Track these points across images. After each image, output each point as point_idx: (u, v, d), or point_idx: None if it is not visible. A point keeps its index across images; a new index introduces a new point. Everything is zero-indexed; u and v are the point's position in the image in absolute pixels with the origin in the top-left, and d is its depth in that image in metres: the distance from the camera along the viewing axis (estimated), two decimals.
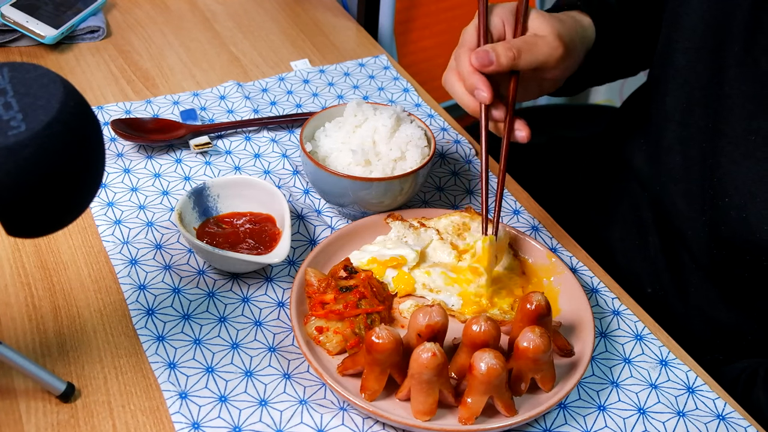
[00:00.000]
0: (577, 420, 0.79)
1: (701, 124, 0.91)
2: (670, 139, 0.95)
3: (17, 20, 1.16)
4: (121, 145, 1.04)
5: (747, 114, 0.85)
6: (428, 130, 0.97)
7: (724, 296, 0.95)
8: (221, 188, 0.93)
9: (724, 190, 0.87)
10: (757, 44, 0.84)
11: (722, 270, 0.92)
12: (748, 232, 0.85)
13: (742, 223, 0.86)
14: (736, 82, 0.86)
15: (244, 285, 0.88)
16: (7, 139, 0.56)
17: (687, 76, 0.92)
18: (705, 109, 0.90)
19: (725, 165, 0.87)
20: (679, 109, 0.94)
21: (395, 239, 0.91)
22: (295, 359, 0.82)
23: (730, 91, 0.86)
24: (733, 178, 0.86)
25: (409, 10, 1.83)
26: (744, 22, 0.85)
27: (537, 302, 0.77)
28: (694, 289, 0.97)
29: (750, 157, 0.85)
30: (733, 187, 0.86)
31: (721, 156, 0.88)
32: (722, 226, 0.88)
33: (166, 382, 0.78)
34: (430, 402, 0.74)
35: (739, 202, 0.86)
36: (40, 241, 0.91)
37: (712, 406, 0.82)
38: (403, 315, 0.86)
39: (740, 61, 0.85)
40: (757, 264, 0.86)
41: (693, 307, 0.98)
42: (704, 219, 0.91)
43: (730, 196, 0.87)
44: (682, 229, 0.95)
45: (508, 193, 1.04)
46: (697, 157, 0.92)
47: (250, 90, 1.16)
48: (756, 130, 0.84)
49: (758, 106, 0.84)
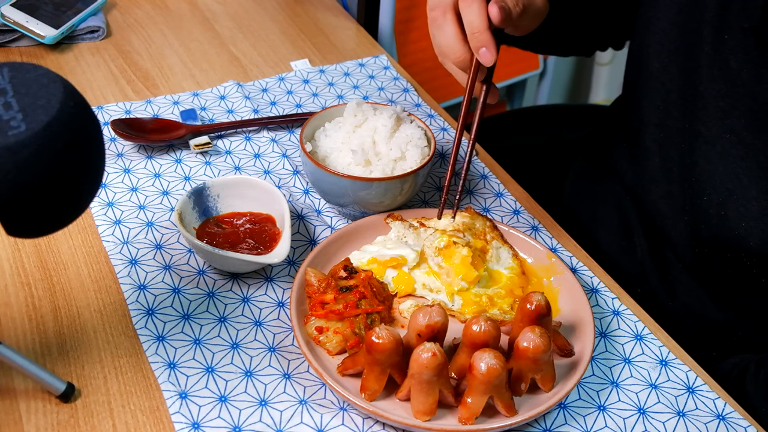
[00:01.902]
0: (577, 420, 0.79)
1: (678, 126, 0.92)
2: (649, 142, 0.97)
3: (17, 20, 1.16)
4: (121, 145, 1.04)
5: (720, 113, 0.86)
6: (428, 130, 0.97)
7: (711, 294, 0.96)
8: (221, 188, 0.93)
9: (702, 189, 0.89)
10: (725, 44, 0.85)
11: (706, 268, 0.93)
12: (727, 229, 0.86)
13: (721, 221, 0.87)
14: (708, 83, 0.87)
15: (244, 285, 0.88)
16: (7, 139, 0.56)
17: (661, 78, 0.93)
18: (681, 111, 0.91)
19: (702, 164, 0.88)
20: (655, 112, 0.95)
21: (395, 239, 0.91)
22: (295, 359, 0.82)
23: (704, 91, 0.87)
24: (711, 177, 0.87)
25: (409, 10, 1.83)
26: (712, 23, 0.86)
27: (537, 302, 0.77)
28: (682, 288, 0.98)
29: (726, 156, 0.86)
30: (711, 186, 0.87)
31: (698, 156, 0.89)
32: (702, 225, 0.90)
33: (166, 382, 0.78)
34: (430, 402, 0.74)
35: (717, 201, 0.87)
36: (40, 241, 0.91)
37: (712, 406, 0.82)
38: (403, 315, 0.86)
39: (711, 62, 0.86)
40: (738, 261, 0.88)
41: (682, 306, 0.99)
42: (686, 219, 0.93)
43: (708, 194, 0.88)
44: (665, 230, 0.97)
45: (508, 192, 1.04)
46: (676, 158, 0.93)
47: (250, 90, 1.16)
48: (730, 129, 0.86)
49: (731, 105, 0.85)
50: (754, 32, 0.83)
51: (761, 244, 0.84)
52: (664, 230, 0.97)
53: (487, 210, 1.01)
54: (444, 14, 0.83)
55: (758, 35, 0.83)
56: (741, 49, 0.84)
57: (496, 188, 1.04)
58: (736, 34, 0.84)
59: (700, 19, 0.87)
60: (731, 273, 0.90)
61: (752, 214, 0.84)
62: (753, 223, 0.84)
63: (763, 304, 0.91)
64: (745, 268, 0.87)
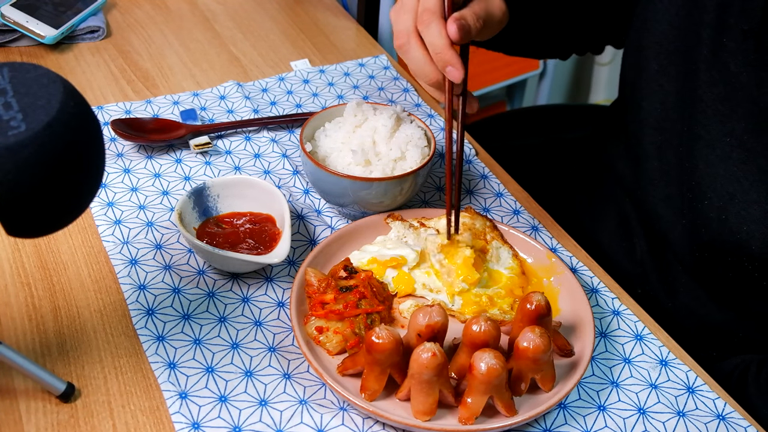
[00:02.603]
0: (577, 420, 0.79)
1: (677, 129, 0.92)
2: (648, 145, 0.96)
3: (17, 20, 1.16)
4: (121, 145, 1.04)
5: (720, 116, 0.86)
6: (428, 130, 0.97)
7: (712, 295, 0.95)
8: (221, 188, 0.93)
9: (702, 193, 0.88)
10: (724, 47, 0.85)
11: (707, 271, 0.93)
12: (728, 233, 0.86)
13: (722, 225, 0.86)
14: (708, 86, 0.86)
15: (244, 285, 0.88)
16: (7, 139, 0.56)
17: (660, 80, 0.93)
18: (680, 114, 0.91)
19: (702, 168, 0.88)
20: (654, 115, 0.95)
21: (395, 239, 0.91)
22: (295, 359, 0.82)
23: (703, 94, 0.87)
24: (711, 180, 0.87)
25: None
26: (711, 25, 0.86)
27: (537, 302, 0.77)
28: (683, 289, 0.98)
29: (726, 159, 0.86)
30: (712, 189, 0.87)
31: (698, 159, 0.88)
32: (702, 228, 0.89)
33: (166, 382, 0.78)
34: (430, 402, 0.74)
35: (718, 204, 0.87)
36: (40, 241, 0.91)
37: (712, 406, 0.82)
38: (403, 315, 0.86)
39: (710, 65, 0.86)
40: (740, 265, 0.87)
41: (683, 307, 0.99)
42: (684, 222, 0.92)
43: (709, 198, 0.87)
44: (665, 232, 0.97)
45: (508, 192, 1.04)
46: (675, 161, 0.93)
47: (250, 90, 1.16)
48: (730, 132, 0.85)
49: (730, 108, 0.85)
50: (754, 34, 0.82)
51: (762, 247, 0.84)
52: (664, 233, 0.97)
53: (487, 210, 1.01)
54: (408, 40, 0.82)
55: (757, 37, 0.82)
56: (740, 52, 0.84)
57: (496, 188, 1.04)
58: (735, 36, 0.84)
59: (699, 21, 0.87)
60: (732, 276, 0.90)
61: (753, 217, 0.84)
62: (754, 227, 0.84)
63: (764, 305, 0.91)
64: (746, 271, 0.87)
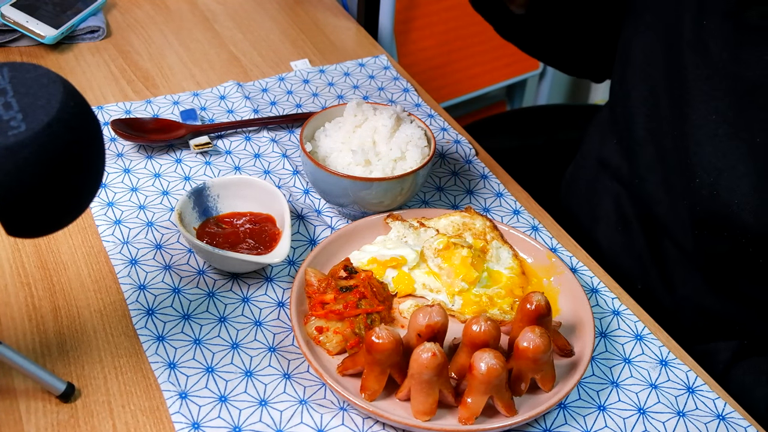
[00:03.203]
0: (577, 420, 0.79)
1: (668, 113, 0.95)
2: (641, 133, 0.99)
3: (17, 20, 1.16)
4: (121, 145, 1.04)
5: (705, 95, 0.90)
6: (428, 130, 0.97)
7: (710, 282, 0.97)
8: (221, 188, 0.93)
9: (694, 171, 0.91)
10: (704, 28, 0.89)
11: (705, 253, 0.95)
12: (721, 207, 0.88)
13: (714, 201, 0.89)
14: (692, 68, 0.91)
15: (244, 285, 0.88)
16: (7, 139, 0.56)
17: (647, 69, 0.97)
18: (669, 98, 0.94)
19: (692, 147, 0.91)
20: (645, 102, 0.98)
21: (395, 239, 0.91)
22: (295, 359, 0.82)
23: (688, 75, 0.91)
24: (701, 158, 0.90)
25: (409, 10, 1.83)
26: (692, 10, 0.91)
27: (537, 302, 0.77)
28: (681, 280, 0.99)
29: (713, 137, 0.89)
30: (701, 167, 0.90)
31: (689, 140, 0.91)
32: (697, 206, 0.92)
33: (166, 382, 0.78)
34: (430, 402, 0.74)
35: (708, 181, 0.89)
36: (40, 241, 0.91)
37: (712, 406, 0.82)
38: (403, 315, 0.86)
39: (693, 47, 0.91)
40: (736, 241, 0.89)
41: (681, 298, 1.00)
42: (683, 203, 0.94)
43: (699, 176, 0.90)
44: (663, 218, 0.98)
45: (508, 192, 1.04)
46: (669, 145, 0.95)
47: (250, 90, 1.16)
48: (715, 110, 0.89)
49: (713, 87, 0.89)
50: (732, 15, 0.87)
51: (755, 218, 0.86)
52: (662, 219, 0.98)
53: (487, 210, 1.01)
54: None
55: (736, 18, 0.87)
56: (719, 32, 0.88)
57: (496, 188, 1.04)
58: (715, 18, 0.89)
59: (681, 5, 0.92)
60: (729, 254, 0.91)
61: (743, 190, 0.87)
62: (744, 199, 0.87)
63: (761, 291, 0.92)
64: (741, 246, 0.89)
